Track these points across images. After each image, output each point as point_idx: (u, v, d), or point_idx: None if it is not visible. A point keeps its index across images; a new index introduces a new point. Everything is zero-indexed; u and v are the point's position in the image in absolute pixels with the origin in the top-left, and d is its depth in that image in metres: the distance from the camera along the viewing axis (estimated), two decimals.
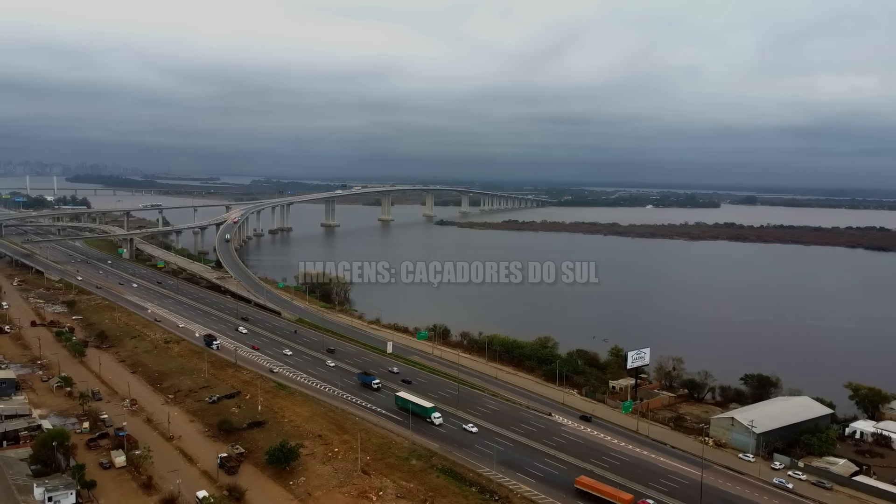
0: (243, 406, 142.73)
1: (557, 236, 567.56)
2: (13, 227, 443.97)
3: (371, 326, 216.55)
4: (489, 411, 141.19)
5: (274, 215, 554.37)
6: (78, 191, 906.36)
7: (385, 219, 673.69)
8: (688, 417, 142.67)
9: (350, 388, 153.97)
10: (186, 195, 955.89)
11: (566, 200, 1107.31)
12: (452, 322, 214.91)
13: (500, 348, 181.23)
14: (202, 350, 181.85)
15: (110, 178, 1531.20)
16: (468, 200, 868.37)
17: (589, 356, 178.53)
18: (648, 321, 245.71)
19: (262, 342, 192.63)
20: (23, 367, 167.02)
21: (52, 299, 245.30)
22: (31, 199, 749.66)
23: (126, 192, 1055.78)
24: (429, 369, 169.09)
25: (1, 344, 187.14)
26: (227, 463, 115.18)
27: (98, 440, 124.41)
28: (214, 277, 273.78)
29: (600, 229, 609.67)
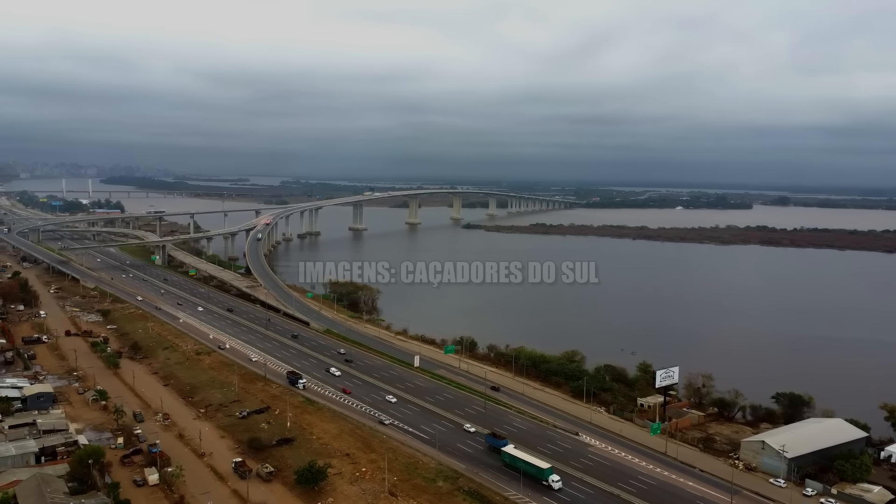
0: (272, 422, 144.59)
1: (585, 240, 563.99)
2: (50, 233, 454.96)
3: (398, 338, 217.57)
4: (516, 430, 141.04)
5: (303, 219, 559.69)
6: (112, 193, 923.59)
7: (412, 222, 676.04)
8: (717, 438, 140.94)
9: (376, 404, 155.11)
10: (216, 197, 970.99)
11: (594, 202, 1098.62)
12: (480, 331, 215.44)
13: (527, 362, 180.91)
14: (232, 362, 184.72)
15: (143, 179, 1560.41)
16: (495, 202, 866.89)
17: (616, 371, 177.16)
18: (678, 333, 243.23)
19: (290, 354, 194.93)
20: (59, 379, 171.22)
21: (87, 307, 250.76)
22: (66, 202, 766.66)
23: (158, 194, 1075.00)
24: (455, 384, 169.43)
25: (39, 354, 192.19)
26: (240, 468, 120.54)
27: (132, 456, 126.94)
28: (244, 286, 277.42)
29: (628, 233, 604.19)
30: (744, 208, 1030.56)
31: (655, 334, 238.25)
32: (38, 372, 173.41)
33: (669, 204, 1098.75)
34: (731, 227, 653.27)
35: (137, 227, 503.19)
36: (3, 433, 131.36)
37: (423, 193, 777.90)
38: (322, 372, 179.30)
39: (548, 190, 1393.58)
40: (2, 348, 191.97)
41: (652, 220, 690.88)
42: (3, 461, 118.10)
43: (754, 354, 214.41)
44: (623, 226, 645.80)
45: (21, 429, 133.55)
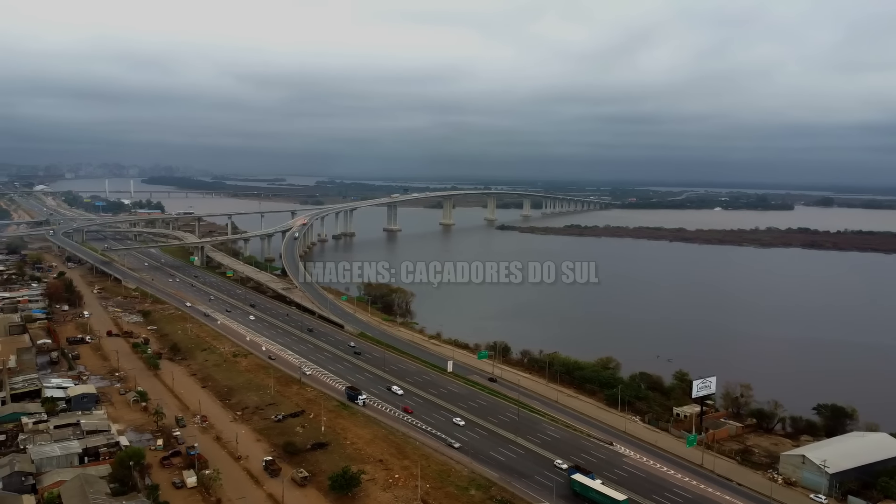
0: (307, 426, 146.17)
1: (620, 242, 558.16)
2: (94, 233, 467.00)
3: (432, 342, 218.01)
4: (549, 438, 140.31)
5: (337, 220, 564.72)
6: (152, 193, 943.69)
7: (446, 223, 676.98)
8: (755, 450, 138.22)
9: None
10: (253, 197, 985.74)
11: (630, 203, 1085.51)
12: (513, 335, 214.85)
13: (561, 369, 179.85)
14: (268, 365, 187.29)
15: (182, 179, 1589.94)
16: (530, 203, 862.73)
17: (652, 380, 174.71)
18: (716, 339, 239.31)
19: (324, 357, 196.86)
20: (102, 379, 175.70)
21: (129, 308, 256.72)
22: (109, 202, 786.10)
23: (197, 194, 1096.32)
24: (488, 391, 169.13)
25: (83, 354, 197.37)
26: (270, 466, 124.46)
27: (171, 458, 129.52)
28: (280, 288, 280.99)
29: (665, 235, 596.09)
30: (785, 209, 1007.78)
31: (692, 341, 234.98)
32: (81, 372, 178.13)
33: (708, 205, 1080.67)
34: (772, 229, 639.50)
35: (177, 227, 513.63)
36: (49, 433, 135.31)
37: (457, 194, 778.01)
38: (380, 388, 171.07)
39: (583, 190, 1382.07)
40: (47, 348, 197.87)
41: (690, 222, 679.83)
42: (49, 461, 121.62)
43: (795, 363, 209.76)
44: (660, 227, 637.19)
45: (65, 429, 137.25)
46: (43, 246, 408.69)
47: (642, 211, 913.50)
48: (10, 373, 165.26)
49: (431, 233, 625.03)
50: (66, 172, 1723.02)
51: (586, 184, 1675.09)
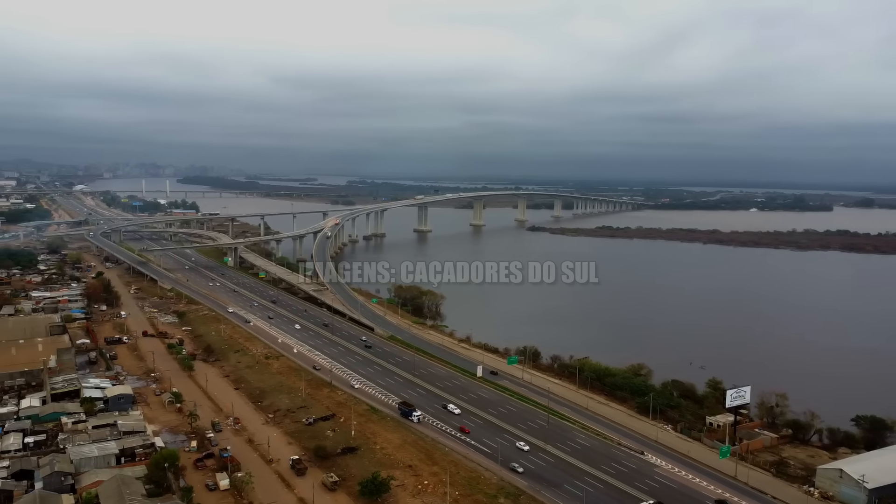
0: (337, 429, 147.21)
1: (653, 244, 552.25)
2: (131, 233, 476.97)
3: (461, 345, 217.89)
4: (579, 446, 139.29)
5: (368, 221, 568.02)
6: (188, 193, 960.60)
7: (477, 224, 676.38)
8: (791, 462, 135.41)
9: (438, 415, 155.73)
10: (286, 197, 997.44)
11: (663, 203, 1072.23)
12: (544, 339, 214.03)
13: (592, 375, 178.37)
14: (299, 367, 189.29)
15: (216, 179, 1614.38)
16: (561, 204, 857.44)
17: (684, 387, 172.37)
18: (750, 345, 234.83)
19: (354, 360, 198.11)
20: (138, 380, 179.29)
21: (164, 308, 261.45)
22: (146, 202, 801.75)
23: (231, 193, 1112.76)
24: (518, 396, 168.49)
25: (120, 354, 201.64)
26: (296, 465, 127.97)
27: (205, 460, 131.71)
28: (311, 290, 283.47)
29: (699, 237, 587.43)
30: (823, 210, 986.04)
31: (727, 347, 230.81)
32: (118, 372, 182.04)
33: (743, 205, 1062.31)
34: (810, 231, 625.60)
35: (211, 227, 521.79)
36: (87, 433, 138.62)
37: (487, 195, 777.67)
38: (435, 406, 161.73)
39: (615, 190, 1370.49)
40: (86, 348, 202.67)
41: (724, 223, 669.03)
42: (87, 462, 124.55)
43: (833, 372, 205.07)
44: (694, 229, 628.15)
45: (103, 429, 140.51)
46: (82, 246, 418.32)
47: (676, 212, 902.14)
48: (50, 372, 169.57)
49: (461, 234, 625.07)
50: (104, 172, 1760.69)
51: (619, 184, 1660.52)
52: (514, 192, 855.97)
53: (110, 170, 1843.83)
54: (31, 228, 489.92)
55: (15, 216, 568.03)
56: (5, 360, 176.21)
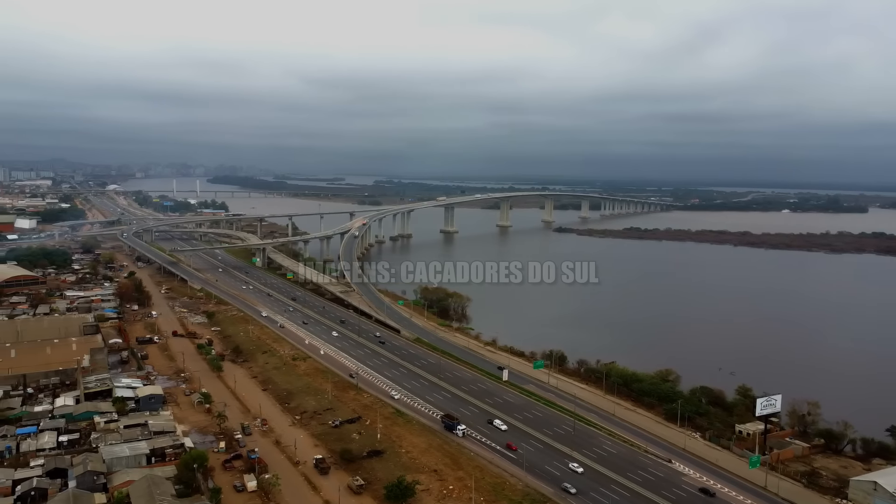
0: (363, 432, 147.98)
1: (682, 246, 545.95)
2: (162, 233, 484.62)
3: (487, 348, 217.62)
4: (605, 453, 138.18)
5: (395, 222, 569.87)
6: (217, 193, 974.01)
7: (503, 224, 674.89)
8: (823, 473, 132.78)
9: (465, 419, 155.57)
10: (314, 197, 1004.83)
11: (693, 204, 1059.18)
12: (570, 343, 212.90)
13: (619, 380, 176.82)
14: (326, 369, 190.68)
15: (245, 179, 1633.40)
16: (588, 204, 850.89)
17: (713, 394, 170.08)
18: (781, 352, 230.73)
19: (381, 363, 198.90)
20: (168, 380, 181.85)
21: (194, 308, 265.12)
22: (176, 202, 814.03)
23: (259, 193, 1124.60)
24: (544, 401, 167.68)
25: (151, 354, 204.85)
26: (320, 465, 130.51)
27: (233, 461, 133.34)
28: (338, 291, 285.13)
29: (729, 238, 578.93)
30: (858, 212, 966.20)
31: (757, 352, 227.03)
32: (149, 372, 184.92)
33: (775, 206, 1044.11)
34: (844, 233, 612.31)
35: (240, 227, 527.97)
36: (119, 433, 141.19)
37: (514, 196, 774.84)
38: (481, 421, 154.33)
39: (643, 191, 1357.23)
40: (118, 347, 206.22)
41: (755, 225, 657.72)
42: (119, 461, 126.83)
43: (867, 380, 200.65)
44: (724, 231, 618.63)
45: (134, 429, 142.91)
46: (115, 245, 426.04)
47: (705, 213, 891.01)
48: (84, 372, 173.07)
49: (488, 234, 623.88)
50: (136, 172, 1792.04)
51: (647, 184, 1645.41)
52: (540, 193, 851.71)
53: (142, 170, 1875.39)
54: (65, 228, 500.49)
55: (50, 216, 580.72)
56: (41, 360, 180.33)
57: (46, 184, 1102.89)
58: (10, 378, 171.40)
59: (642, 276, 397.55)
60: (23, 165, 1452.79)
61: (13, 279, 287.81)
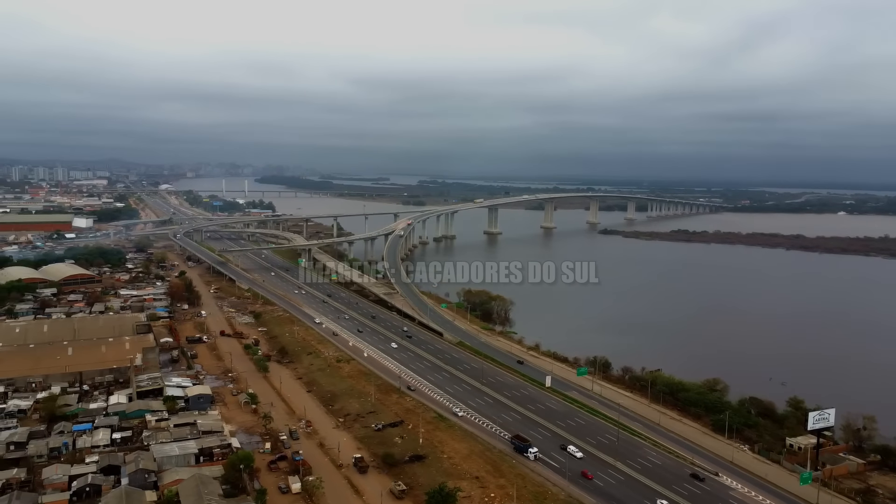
0: (406, 437, 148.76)
1: (731, 249, 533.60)
2: (212, 233, 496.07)
3: (530, 353, 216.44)
4: (650, 464, 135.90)
5: (439, 223, 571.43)
6: (264, 193, 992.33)
7: (547, 226, 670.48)
8: (879, 491, 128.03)
9: (507, 426, 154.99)
10: (358, 197, 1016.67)
11: (743, 206, 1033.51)
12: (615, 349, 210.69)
13: (664, 389, 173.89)
14: (369, 372, 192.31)
15: (291, 178, 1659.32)
16: (634, 206, 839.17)
17: (763, 405, 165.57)
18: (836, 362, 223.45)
19: (424, 366, 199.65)
20: (216, 380, 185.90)
21: (241, 308, 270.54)
22: (225, 202, 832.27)
23: (305, 193, 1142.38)
24: (587, 409, 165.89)
25: (200, 353, 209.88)
26: (359, 464, 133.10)
27: (278, 462, 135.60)
28: (382, 293, 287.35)
29: (782, 242, 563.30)
30: None
31: (810, 363, 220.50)
32: (198, 372, 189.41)
33: (830, 208, 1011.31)
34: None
35: (286, 228, 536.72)
36: (169, 431, 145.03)
37: (559, 197, 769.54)
38: (552, 441, 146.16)
39: (691, 191, 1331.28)
40: (169, 346, 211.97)
41: (809, 228, 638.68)
42: (169, 460, 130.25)
43: None
44: (775, 234, 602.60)
45: (184, 428, 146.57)
46: (167, 245, 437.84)
47: (756, 215, 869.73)
48: (136, 370, 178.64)
49: (532, 236, 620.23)
50: (188, 172, 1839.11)
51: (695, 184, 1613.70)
52: (585, 195, 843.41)
53: (193, 169, 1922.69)
54: (120, 228, 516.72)
55: (106, 215, 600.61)
56: (96, 358, 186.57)
57: (102, 183, 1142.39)
58: (67, 375, 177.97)
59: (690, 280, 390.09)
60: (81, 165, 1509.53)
61: (71, 277, 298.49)
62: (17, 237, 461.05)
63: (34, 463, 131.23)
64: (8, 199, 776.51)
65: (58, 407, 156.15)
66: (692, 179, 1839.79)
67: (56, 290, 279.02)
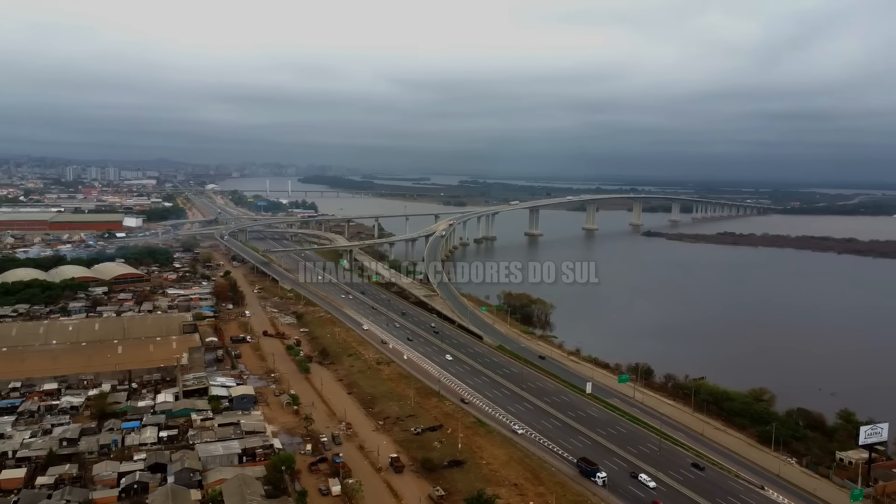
0: (444, 441, 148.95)
1: (780, 253, 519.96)
2: (256, 233, 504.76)
3: (570, 358, 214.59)
4: (693, 475, 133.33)
5: (479, 224, 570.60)
6: (307, 193, 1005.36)
7: (589, 228, 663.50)
8: None
9: (547, 432, 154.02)
10: (399, 197, 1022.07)
11: (793, 207, 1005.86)
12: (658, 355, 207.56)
13: (708, 398, 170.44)
14: (409, 375, 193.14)
15: (334, 178, 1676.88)
16: (679, 207, 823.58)
17: (812, 417, 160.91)
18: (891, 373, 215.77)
19: (463, 370, 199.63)
20: (259, 380, 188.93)
21: (284, 309, 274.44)
22: (269, 202, 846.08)
23: (347, 193, 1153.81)
24: (629, 417, 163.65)
25: (244, 353, 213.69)
26: (395, 463, 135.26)
27: (318, 464, 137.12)
28: (422, 295, 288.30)
29: (833, 246, 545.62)
30: None
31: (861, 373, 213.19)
32: (242, 372, 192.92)
33: (886, 210, 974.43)
34: None
35: (328, 228, 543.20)
36: (214, 431, 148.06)
37: (601, 198, 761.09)
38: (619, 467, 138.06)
39: (739, 192, 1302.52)
40: (214, 346, 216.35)
41: (863, 230, 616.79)
42: (213, 460, 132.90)
43: None
44: (827, 237, 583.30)
45: (227, 428, 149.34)
46: (212, 244, 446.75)
47: (806, 217, 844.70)
48: (182, 370, 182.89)
49: (573, 238, 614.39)
50: (233, 172, 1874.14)
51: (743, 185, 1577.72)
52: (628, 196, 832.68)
53: (238, 169, 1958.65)
54: (168, 227, 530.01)
55: (155, 214, 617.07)
56: (144, 356, 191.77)
57: (151, 183, 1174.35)
58: (116, 373, 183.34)
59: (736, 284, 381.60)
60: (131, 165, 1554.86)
61: (121, 276, 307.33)
62: (70, 236, 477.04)
63: (85, 459, 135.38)
64: (63, 198, 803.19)
65: (108, 404, 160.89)
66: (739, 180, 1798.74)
67: (107, 289, 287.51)
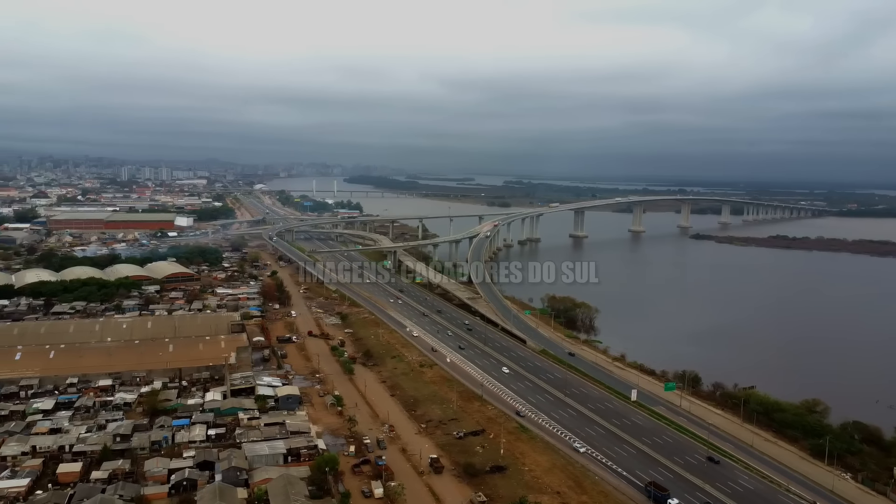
0: (487, 446, 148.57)
1: (836, 257, 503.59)
2: (302, 233, 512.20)
3: (615, 364, 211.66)
4: (741, 489, 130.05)
5: (523, 225, 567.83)
6: (352, 193, 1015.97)
7: (636, 230, 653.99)
8: None
9: (591, 440, 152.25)
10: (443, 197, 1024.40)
11: (849, 210, 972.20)
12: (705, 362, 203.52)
13: (758, 408, 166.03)
14: (452, 378, 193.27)
15: (378, 178, 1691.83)
16: (729, 209, 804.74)
17: (868, 430, 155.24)
18: None
19: (505, 375, 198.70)
20: (304, 380, 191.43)
21: (329, 309, 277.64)
22: (315, 202, 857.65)
23: (392, 193, 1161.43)
24: (675, 426, 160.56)
25: (289, 353, 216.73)
26: (434, 464, 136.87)
27: (361, 466, 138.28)
28: (466, 297, 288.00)
29: (893, 250, 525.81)
30: None
31: None
32: (288, 372, 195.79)
33: None
34: None
35: (373, 229, 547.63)
36: (260, 430, 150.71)
37: (648, 200, 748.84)
38: None
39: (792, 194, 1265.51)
40: (261, 346, 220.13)
41: None
42: (259, 459, 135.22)
43: None
44: (886, 241, 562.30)
45: (273, 427, 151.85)
46: (260, 244, 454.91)
47: (864, 220, 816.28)
48: (230, 369, 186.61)
49: (619, 240, 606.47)
50: (280, 172, 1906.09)
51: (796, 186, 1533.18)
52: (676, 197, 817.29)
53: (286, 169, 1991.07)
54: (217, 227, 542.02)
55: (205, 214, 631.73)
56: (194, 355, 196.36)
57: (202, 182, 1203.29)
58: (167, 371, 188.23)
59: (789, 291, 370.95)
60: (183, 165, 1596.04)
61: (172, 275, 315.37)
62: (125, 235, 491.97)
63: (137, 455, 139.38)
64: (118, 197, 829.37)
65: (159, 401, 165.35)
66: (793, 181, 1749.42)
67: (159, 288, 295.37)
